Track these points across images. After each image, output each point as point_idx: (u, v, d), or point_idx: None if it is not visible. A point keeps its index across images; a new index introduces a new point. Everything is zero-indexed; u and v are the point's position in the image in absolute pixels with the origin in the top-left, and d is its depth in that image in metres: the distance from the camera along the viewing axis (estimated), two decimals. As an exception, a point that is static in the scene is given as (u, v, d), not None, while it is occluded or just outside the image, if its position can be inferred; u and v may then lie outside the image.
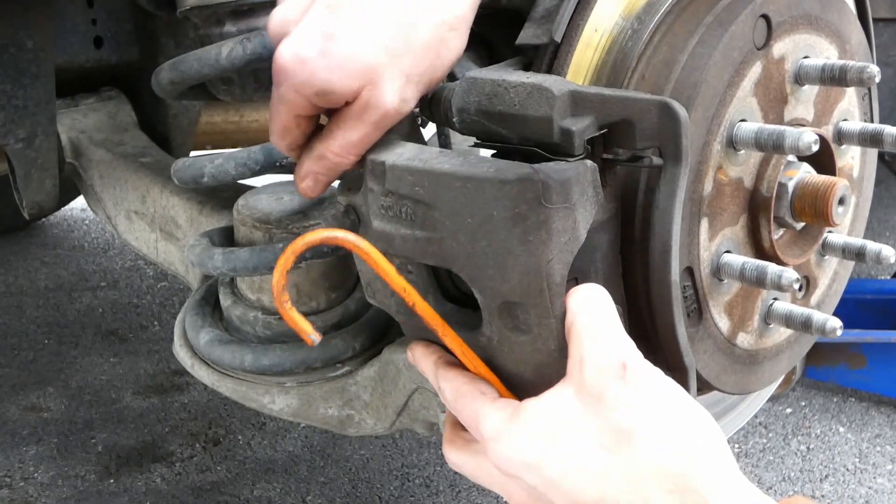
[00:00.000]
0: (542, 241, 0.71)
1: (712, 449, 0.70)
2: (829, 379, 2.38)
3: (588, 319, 0.74)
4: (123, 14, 1.69)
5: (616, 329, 0.74)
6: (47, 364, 2.60)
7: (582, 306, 0.74)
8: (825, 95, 1.04)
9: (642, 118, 0.77)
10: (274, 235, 1.10)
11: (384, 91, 0.77)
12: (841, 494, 2.05)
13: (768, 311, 1.03)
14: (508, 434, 0.74)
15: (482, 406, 0.77)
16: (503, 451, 0.74)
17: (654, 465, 0.69)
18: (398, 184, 0.77)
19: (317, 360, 1.09)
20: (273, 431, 2.27)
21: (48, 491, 2.05)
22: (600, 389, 0.71)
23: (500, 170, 0.72)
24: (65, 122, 1.65)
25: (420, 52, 0.78)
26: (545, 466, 0.72)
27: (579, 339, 0.73)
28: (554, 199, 0.70)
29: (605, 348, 0.72)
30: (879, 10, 1.89)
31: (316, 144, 0.82)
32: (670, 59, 0.90)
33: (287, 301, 0.74)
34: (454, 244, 0.75)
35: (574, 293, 0.75)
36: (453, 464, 0.83)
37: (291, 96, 0.79)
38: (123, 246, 3.40)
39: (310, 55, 0.76)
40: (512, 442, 0.74)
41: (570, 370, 0.74)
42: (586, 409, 0.72)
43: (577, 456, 0.71)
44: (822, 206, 0.95)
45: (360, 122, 0.79)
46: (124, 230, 1.54)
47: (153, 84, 1.10)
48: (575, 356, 0.74)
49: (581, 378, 0.72)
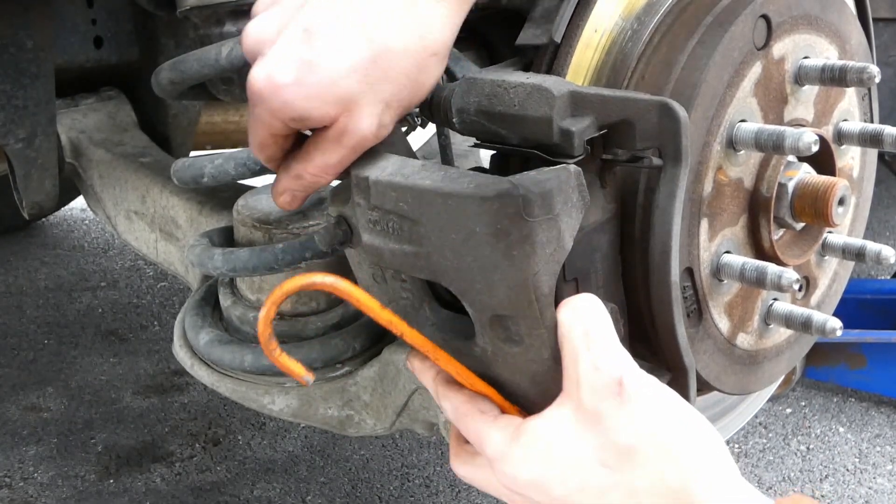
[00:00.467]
0: (527, 254, 0.70)
1: (709, 458, 0.71)
2: (829, 379, 2.38)
3: (582, 333, 0.73)
4: (123, 14, 1.69)
5: (611, 341, 0.74)
6: (47, 364, 2.60)
7: (575, 320, 0.74)
8: (825, 96, 1.04)
9: (642, 118, 0.77)
10: (274, 235, 1.10)
11: (361, 117, 0.76)
12: (841, 494, 2.04)
13: (768, 312, 1.03)
14: (511, 455, 0.75)
15: (483, 426, 0.78)
16: (508, 471, 0.76)
17: (653, 482, 0.70)
18: (383, 199, 0.76)
19: (317, 360, 1.09)
20: (273, 431, 2.27)
21: (48, 491, 2.05)
22: (598, 408, 0.72)
23: (479, 185, 0.71)
24: (65, 122, 1.65)
25: (400, 79, 0.76)
26: (549, 485, 0.73)
27: (573, 355, 0.73)
28: (536, 212, 0.69)
29: (599, 364, 0.72)
30: (879, 10, 1.89)
31: (293, 164, 0.81)
32: (670, 59, 0.90)
33: (276, 349, 0.74)
34: (441, 259, 0.74)
35: (566, 305, 0.75)
36: (463, 476, 0.84)
37: (267, 118, 0.77)
38: (123, 246, 3.40)
39: (285, 81, 0.74)
40: (515, 463, 0.75)
41: (566, 388, 0.74)
42: (585, 429, 0.73)
43: (578, 475, 0.72)
44: (822, 207, 0.95)
45: (338, 145, 0.77)
46: (124, 230, 1.54)
47: (153, 84, 1.10)
48: (571, 374, 0.74)
49: (578, 397, 0.73)
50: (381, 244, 0.78)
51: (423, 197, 0.73)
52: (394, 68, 0.76)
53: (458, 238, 0.72)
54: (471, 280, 0.73)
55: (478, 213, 0.70)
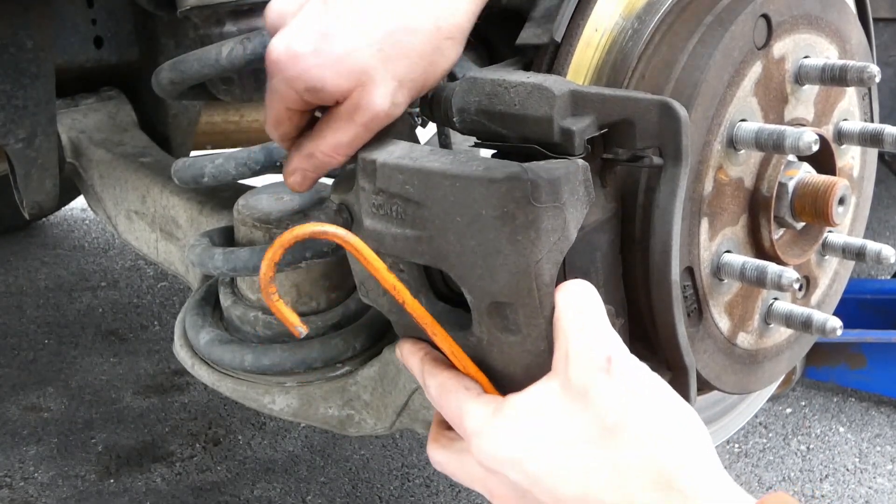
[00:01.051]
0: (531, 240, 0.71)
1: (696, 446, 0.70)
2: (829, 379, 2.38)
3: (574, 314, 0.73)
4: (123, 14, 1.69)
5: (602, 324, 0.74)
6: (47, 364, 2.60)
7: (568, 302, 0.74)
8: (825, 95, 1.04)
9: (642, 118, 0.77)
10: (274, 235, 1.10)
11: (375, 94, 0.77)
12: (841, 494, 2.05)
13: (768, 311, 1.03)
14: (492, 429, 0.73)
15: (466, 401, 0.76)
16: (486, 446, 0.73)
17: (638, 462, 0.68)
18: (388, 182, 0.77)
19: (317, 360, 1.09)
20: (273, 431, 2.27)
21: (48, 491, 2.05)
22: (586, 384, 0.71)
23: (489, 168, 0.72)
24: (65, 122, 1.66)
25: (415, 57, 0.78)
26: (528, 462, 0.71)
27: (565, 334, 0.73)
28: (543, 198, 0.70)
29: (590, 342, 0.72)
30: (879, 10, 1.89)
31: (305, 142, 0.83)
32: (670, 58, 0.90)
33: (274, 293, 0.74)
34: (444, 243, 0.74)
35: (561, 289, 0.75)
36: (437, 462, 0.82)
37: (283, 89, 0.79)
38: (123, 246, 3.40)
39: (303, 51, 0.76)
40: (495, 437, 0.73)
41: (555, 365, 0.74)
42: (571, 404, 0.71)
43: (560, 451, 0.70)
44: (822, 206, 0.95)
45: (351, 123, 0.79)
46: (124, 230, 1.54)
47: (153, 84, 1.10)
48: (560, 350, 0.73)
49: (566, 372, 0.72)
50: (383, 229, 0.78)
51: (431, 179, 0.74)
52: (409, 46, 0.77)
53: (463, 221, 0.72)
54: (472, 265, 0.73)
55: (485, 195, 0.71)
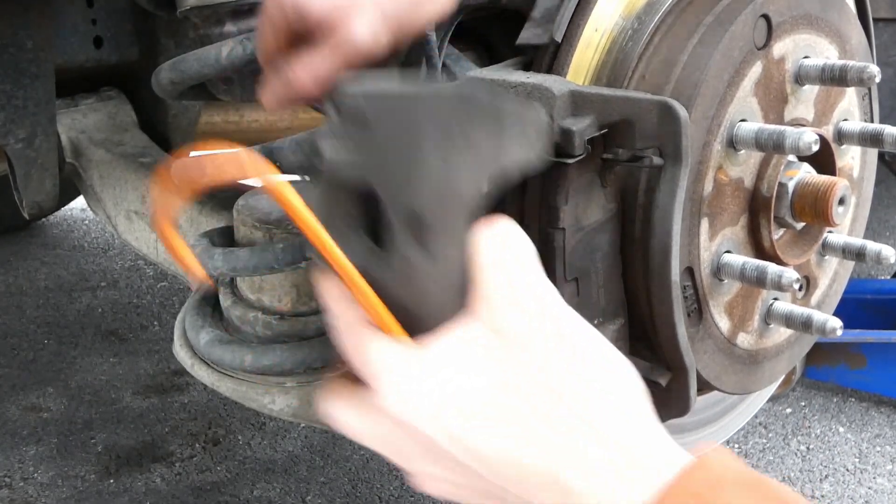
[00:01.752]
0: (465, 160, 0.67)
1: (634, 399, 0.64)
2: (829, 379, 2.38)
3: (497, 249, 0.66)
4: (123, 14, 1.69)
5: (531, 263, 0.67)
6: (47, 364, 2.60)
7: (490, 236, 0.67)
8: (825, 95, 1.04)
9: (642, 118, 0.77)
10: (274, 235, 1.10)
11: (357, 23, 0.78)
12: (841, 494, 2.04)
13: (768, 311, 1.03)
14: (403, 375, 0.62)
15: (373, 340, 0.64)
16: (395, 393, 0.63)
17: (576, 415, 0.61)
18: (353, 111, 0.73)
19: (317, 360, 1.09)
20: (273, 431, 2.27)
21: (48, 491, 2.05)
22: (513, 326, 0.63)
23: (438, 88, 0.71)
24: (65, 122, 1.65)
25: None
26: (446, 415, 0.61)
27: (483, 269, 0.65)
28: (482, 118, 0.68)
29: (514, 281, 0.65)
30: (879, 10, 1.89)
31: (284, 65, 0.83)
32: (670, 59, 0.90)
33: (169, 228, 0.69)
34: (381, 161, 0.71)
35: (483, 224, 0.67)
36: (337, 421, 0.68)
37: (270, 5, 0.81)
38: (123, 246, 3.40)
39: None
40: (406, 384, 0.62)
41: (473, 306, 0.65)
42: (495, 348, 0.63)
43: (484, 403, 0.61)
44: (822, 206, 0.95)
45: (330, 52, 0.79)
46: (124, 230, 1.54)
47: (153, 84, 1.10)
48: (480, 290, 0.65)
49: (489, 313, 0.64)
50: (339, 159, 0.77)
51: (385, 101, 0.72)
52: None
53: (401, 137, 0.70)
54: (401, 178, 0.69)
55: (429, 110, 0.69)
